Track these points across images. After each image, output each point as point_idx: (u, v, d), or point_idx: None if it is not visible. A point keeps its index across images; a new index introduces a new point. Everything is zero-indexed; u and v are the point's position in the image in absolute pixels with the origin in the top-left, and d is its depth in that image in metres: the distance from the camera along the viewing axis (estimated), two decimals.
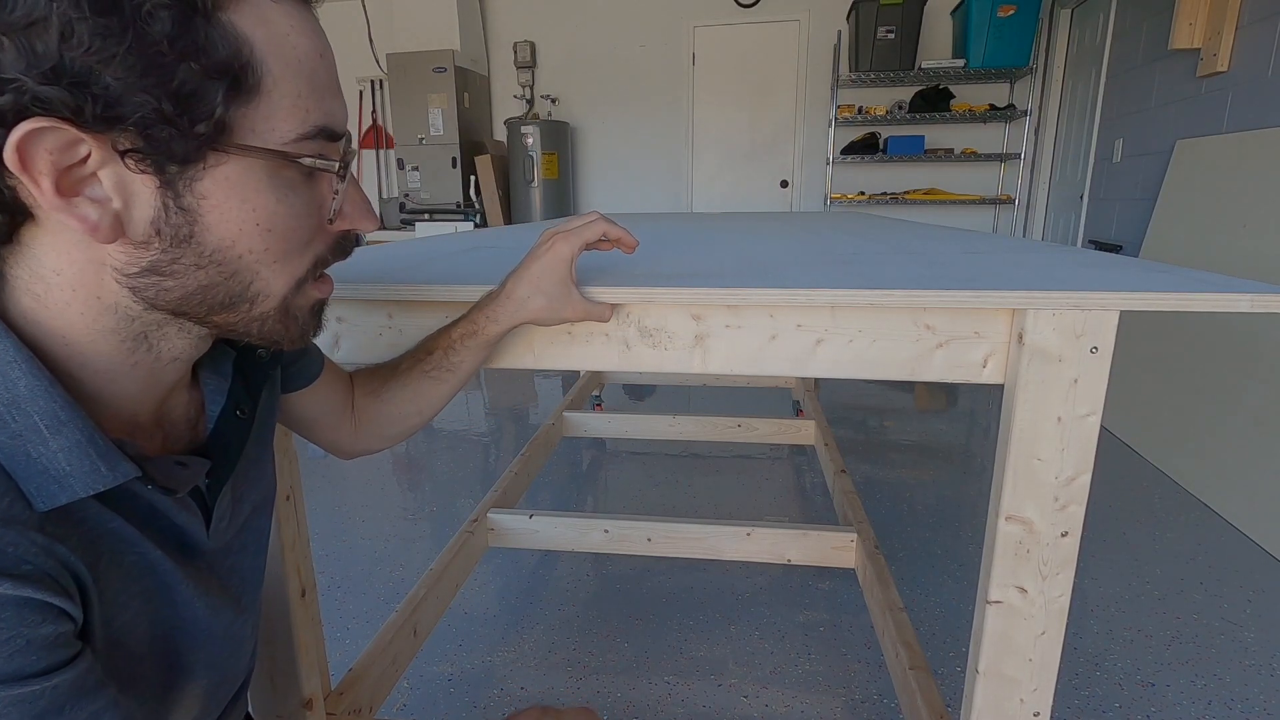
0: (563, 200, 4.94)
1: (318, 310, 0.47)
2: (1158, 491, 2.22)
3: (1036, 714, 0.66)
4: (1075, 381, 0.57)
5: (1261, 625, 1.55)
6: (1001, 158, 4.51)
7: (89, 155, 0.34)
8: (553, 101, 5.09)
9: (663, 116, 4.98)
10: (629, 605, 1.64)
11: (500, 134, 5.20)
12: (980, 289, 0.57)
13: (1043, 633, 0.63)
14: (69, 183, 0.34)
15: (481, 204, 4.86)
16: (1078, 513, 0.60)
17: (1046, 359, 0.57)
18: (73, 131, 0.33)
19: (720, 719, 1.29)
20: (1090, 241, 3.61)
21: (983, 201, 4.63)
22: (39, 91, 0.31)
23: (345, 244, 0.47)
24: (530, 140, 4.66)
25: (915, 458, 2.53)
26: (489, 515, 1.57)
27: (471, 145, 4.91)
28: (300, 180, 0.41)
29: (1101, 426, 2.79)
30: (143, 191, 0.36)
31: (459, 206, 4.86)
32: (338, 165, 0.42)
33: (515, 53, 4.93)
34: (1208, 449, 2.20)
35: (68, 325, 0.38)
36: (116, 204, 0.36)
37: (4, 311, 0.37)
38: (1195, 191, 2.61)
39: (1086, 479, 0.59)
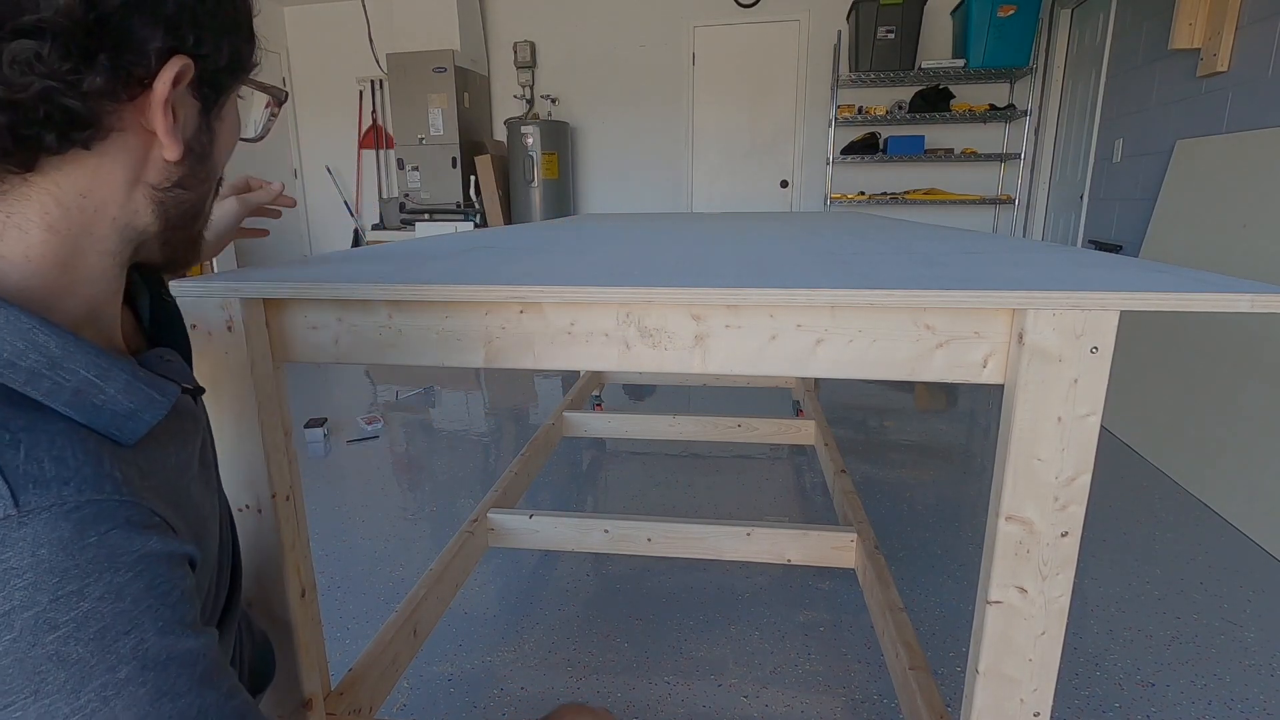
0: (563, 200, 4.94)
1: (201, 238, 0.52)
2: (1158, 491, 2.22)
3: (1037, 714, 0.66)
4: (1075, 381, 0.57)
5: (1261, 625, 1.55)
6: (1001, 158, 4.51)
7: (181, 84, 0.40)
8: (553, 101, 5.08)
9: (663, 116, 4.98)
10: (629, 605, 1.64)
11: (500, 134, 5.20)
12: (980, 289, 0.57)
13: (1043, 633, 0.63)
14: (173, 108, 0.41)
15: (481, 204, 4.86)
16: (1078, 513, 0.60)
17: (1046, 359, 0.57)
18: (189, 63, 0.40)
19: (720, 719, 1.29)
20: (1090, 241, 3.61)
21: (983, 201, 4.63)
22: (183, 33, 0.39)
23: None
24: (530, 140, 4.66)
25: (915, 458, 2.53)
26: (489, 515, 1.57)
27: (471, 145, 4.91)
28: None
29: (1101, 426, 2.79)
30: (191, 114, 0.43)
31: (459, 206, 4.86)
32: (284, 93, 0.53)
33: (515, 53, 4.94)
34: (1208, 449, 2.20)
35: (64, 260, 0.40)
36: (181, 125, 0.42)
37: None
38: (1195, 191, 2.61)
39: (1086, 479, 0.59)
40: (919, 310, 0.60)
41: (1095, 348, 0.56)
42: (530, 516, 1.57)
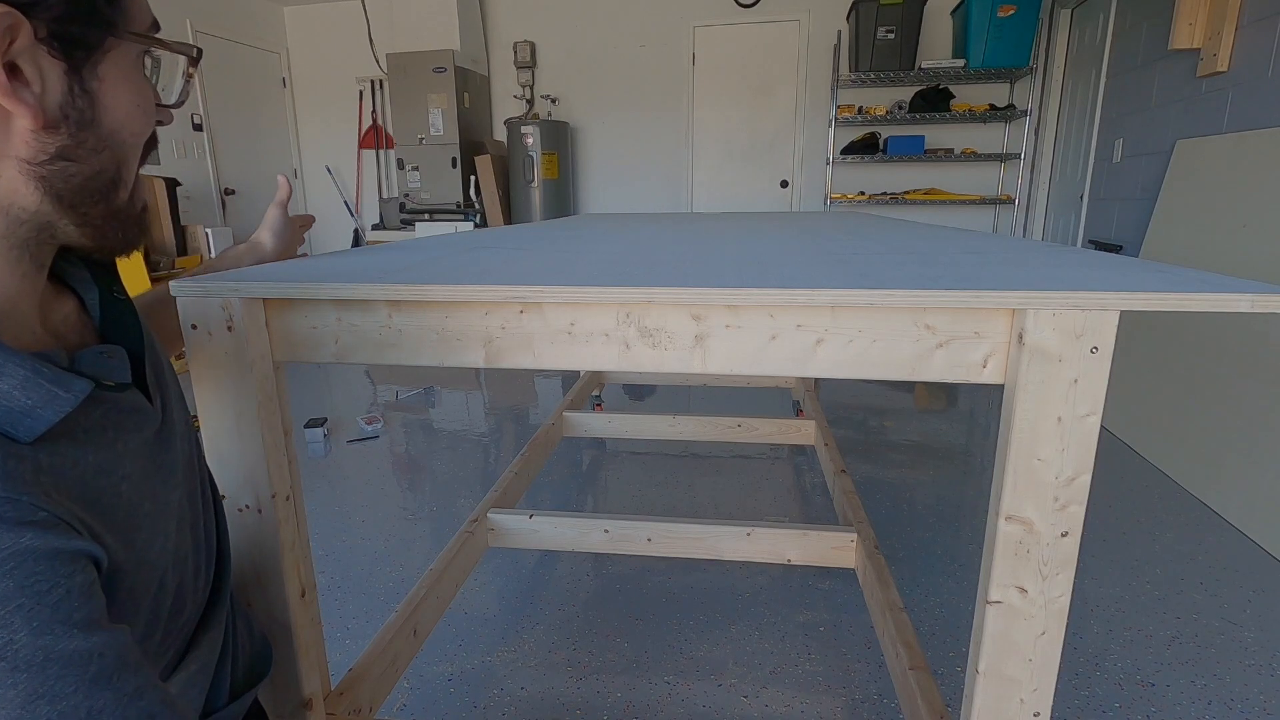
0: (563, 200, 4.94)
1: (142, 216, 0.49)
2: (1158, 491, 2.22)
3: (1036, 714, 0.65)
4: (1075, 381, 0.57)
5: (1261, 625, 1.55)
6: (1001, 158, 4.51)
7: (17, 38, 0.35)
8: (553, 101, 5.09)
9: (663, 116, 4.98)
10: (629, 605, 1.64)
11: (500, 134, 5.20)
12: (980, 289, 0.57)
13: (1043, 633, 0.63)
14: (10, 69, 0.36)
15: (481, 204, 4.86)
16: (1078, 513, 0.60)
17: (1046, 359, 0.57)
18: (16, 15, 0.35)
19: (720, 719, 1.29)
20: (1090, 241, 3.61)
21: (983, 201, 4.63)
22: None
23: (154, 138, 0.50)
24: (530, 140, 4.66)
25: (915, 458, 2.53)
26: (489, 515, 1.57)
27: (471, 145, 4.91)
28: (150, 67, 0.45)
29: (1101, 426, 2.79)
30: (53, 76, 0.38)
31: (459, 206, 4.86)
32: (195, 50, 0.47)
33: (515, 53, 4.94)
34: (1208, 449, 2.20)
35: None
36: (36, 89, 0.37)
37: None
38: (1195, 191, 2.61)
39: (1086, 479, 0.59)
40: (919, 310, 0.59)
41: (1095, 348, 0.56)
42: (530, 516, 1.57)
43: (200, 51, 0.48)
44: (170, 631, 0.49)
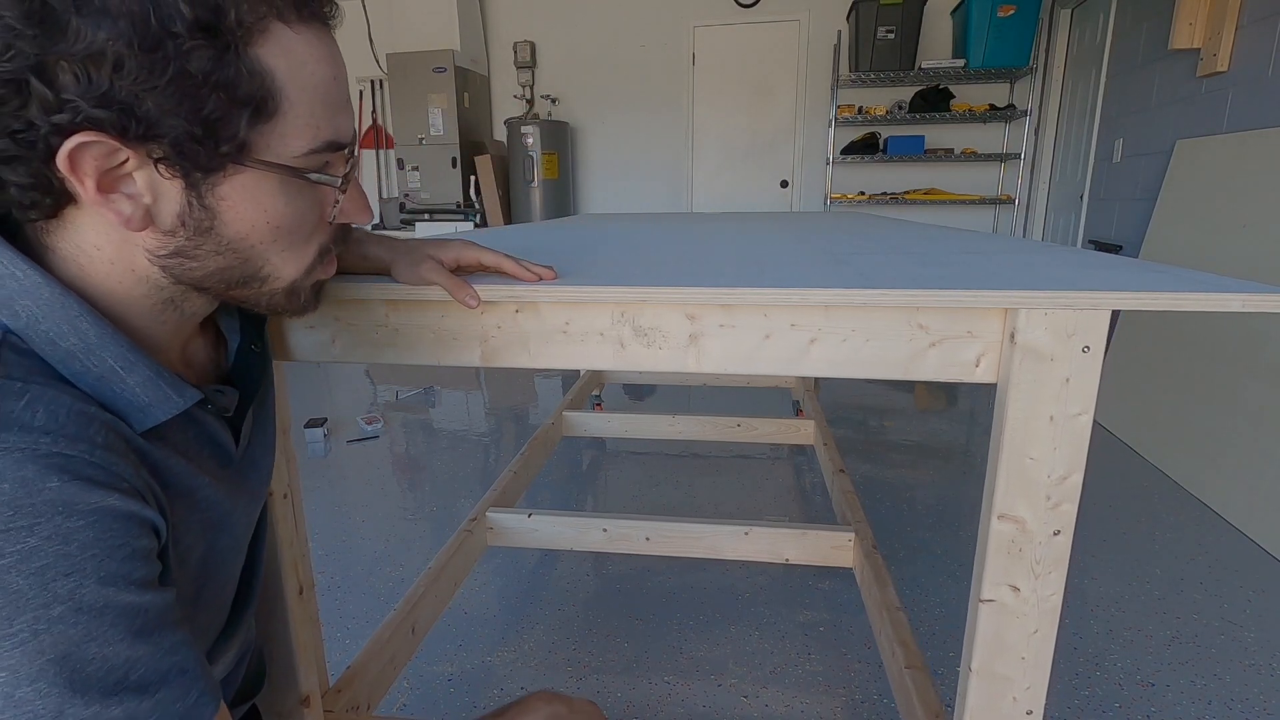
0: (563, 200, 4.94)
1: (318, 288, 0.54)
2: (1158, 491, 2.22)
3: (1029, 712, 0.65)
4: (1067, 380, 0.57)
5: (1261, 625, 1.55)
6: (1001, 158, 4.50)
7: (127, 160, 0.40)
8: (553, 101, 5.09)
9: (663, 116, 4.98)
10: (629, 605, 1.64)
11: (500, 134, 5.20)
12: (973, 289, 0.57)
13: (1035, 631, 0.63)
14: (108, 181, 0.40)
15: (481, 204, 4.86)
16: (1070, 511, 0.60)
17: (1039, 358, 0.57)
18: (115, 144, 0.39)
19: (720, 719, 1.29)
20: (1090, 241, 3.61)
21: (983, 201, 4.63)
22: (91, 113, 0.37)
23: (344, 233, 0.55)
24: (530, 140, 4.66)
25: (915, 458, 2.53)
26: (488, 515, 1.57)
27: (471, 145, 4.91)
28: (307, 186, 0.47)
29: (1101, 426, 2.79)
30: (171, 191, 0.42)
31: (459, 206, 4.86)
32: (340, 180, 0.49)
33: (515, 53, 4.93)
34: (1208, 449, 2.20)
35: (108, 290, 0.45)
36: (147, 200, 0.42)
37: (57, 276, 0.43)
38: (1195, 191, 2.61)
39: (1079, 478, 0.59)
40: (912, 310, 0.59)
41: (1087, 347, 0.56)
42: (529, 516, 1.57)
43: (347, 181, 0.49)
44: (198, 642, 0.53)
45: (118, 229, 0.42)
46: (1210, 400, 2.24)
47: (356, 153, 0.51)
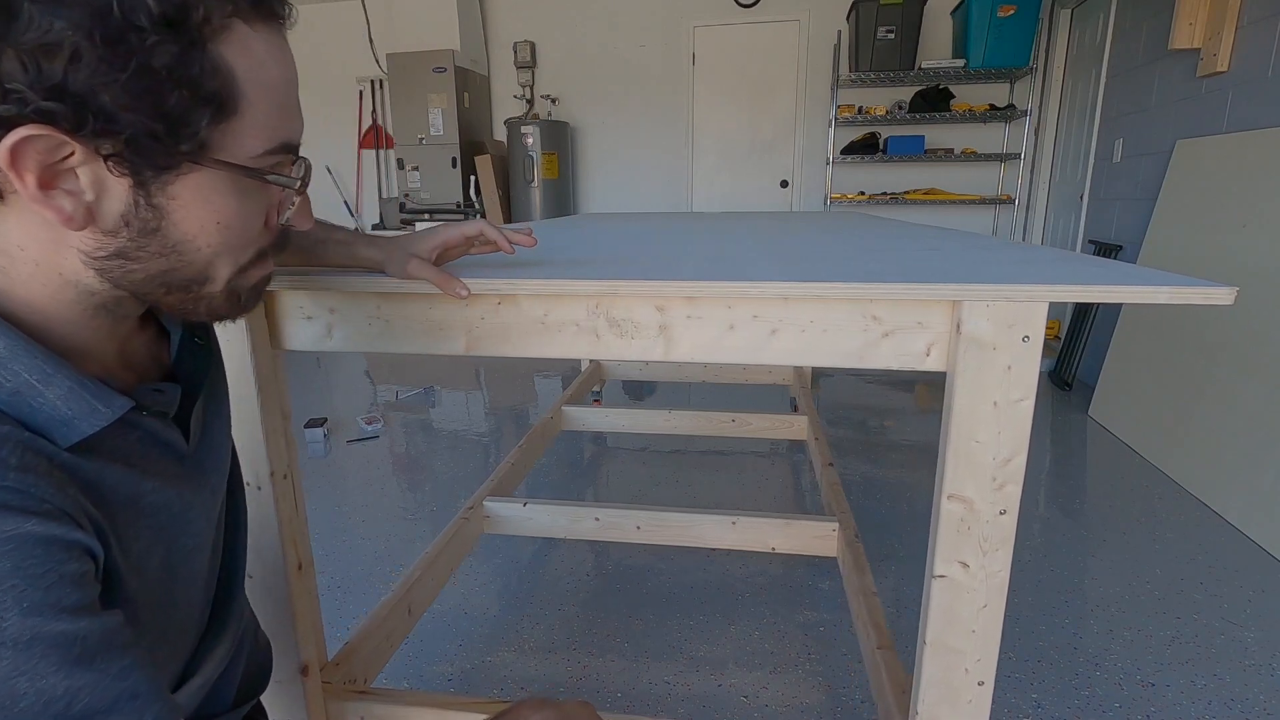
0: (563, 200, 4.94)
1: (259, 287, 0.52)
2: (1158, 491, 2.22)
3: (981, 683, 0.69)
4: (1009, 368, 0.60)
5: (1261, 625, 1.55)
6: (1001, 158, 4.50)
7: (72, 155, 0.38)
8: (553, 101, 5.09)
9: (662, 116, 4.98)
10: (629, 604, 1.64)
11: (500, 134, 5.20)
12: (920, 282, 0.60)
13: (984, 606, 0.66)
14: (49, 177, 0.38)
15: (481, 204, 4.86)
16: (1014, 492, 0.63)
17: (982, 347, 0.60)
18: (63, 138, 0.36)
19: (720, 717, 1.29)
20: (1090, 242, 3.61)
21: (983, 202, 4.63)
22: (41, 105, 0.35)
23: (283, 238, 0.53)
24: (530, 140, 4.66)
25: (915, 457, 2.53)
26: (484, 503, 1.61)
27: (471, 145, 4.91)
28: (257, 187, 0.46)
29: (1101, 426, 2.79)
30: (117, 189, 0.40)
31: (459, 206, 4.86)
32: (298, 182, 0.48)
33: (515, 53, 4.94)
34: (1208, 449, 2.19)
35: (29, 295, 0.42)
36: (89, 197, 0.39)
37: None
38: (1195, 191, 2.61)
39: (1022, 460, 0.62)
40: (865, 301, 0.63)
41: (1027, 337, 0.60)
42: (524, 504, 1.61)
43: (304, 182, 0.49)
44: (177, 646, 0.52)
45: (49, 228, 0.40)
46: (1210, 400, 2.24)
47: (305, 157, 0.50)
